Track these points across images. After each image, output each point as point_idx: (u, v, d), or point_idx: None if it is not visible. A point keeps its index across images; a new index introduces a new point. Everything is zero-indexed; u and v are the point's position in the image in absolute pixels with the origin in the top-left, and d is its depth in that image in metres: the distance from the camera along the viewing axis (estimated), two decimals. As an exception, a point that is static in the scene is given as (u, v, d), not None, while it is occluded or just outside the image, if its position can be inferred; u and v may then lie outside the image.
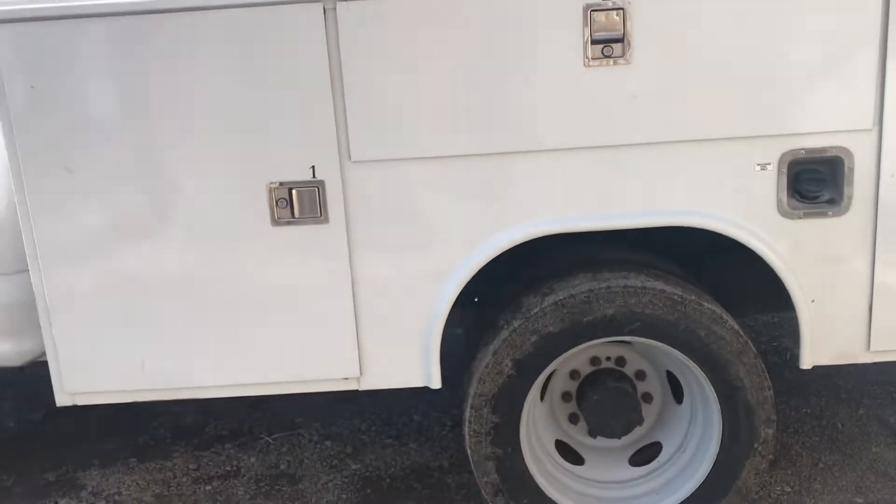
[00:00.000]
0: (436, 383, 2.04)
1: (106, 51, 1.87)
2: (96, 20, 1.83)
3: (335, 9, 1.81)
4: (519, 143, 1.89)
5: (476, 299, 2.29)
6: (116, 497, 2.55)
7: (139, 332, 2.01)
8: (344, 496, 2.47)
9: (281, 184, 1.92)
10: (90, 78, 1.88)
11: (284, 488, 2.54)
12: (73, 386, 2.08)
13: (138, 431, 2.93)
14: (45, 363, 2.28)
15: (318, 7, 1.82)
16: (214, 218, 1.94)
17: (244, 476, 2.62)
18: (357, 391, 2.10)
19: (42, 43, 1.84)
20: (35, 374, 3.36)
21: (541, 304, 1.96)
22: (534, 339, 1.95)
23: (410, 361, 2.03)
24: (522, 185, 1.92)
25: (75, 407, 2.54)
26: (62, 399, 2.10)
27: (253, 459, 2.72)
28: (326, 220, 1.94)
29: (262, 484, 2.57)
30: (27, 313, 2.15)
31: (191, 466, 2.70)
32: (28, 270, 2.09)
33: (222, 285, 1.97)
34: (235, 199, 1.93)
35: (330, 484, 2.54)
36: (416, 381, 2.05)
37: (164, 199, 1.94)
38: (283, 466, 2.66)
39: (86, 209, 1.94)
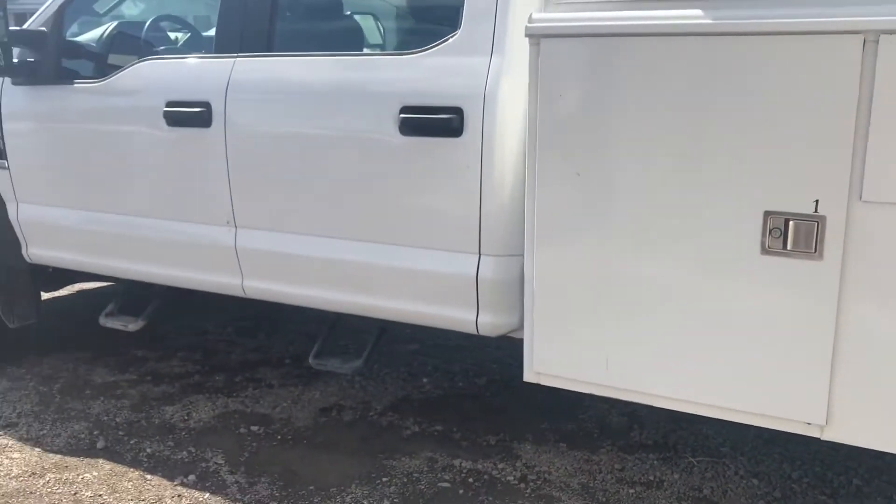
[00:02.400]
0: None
1: (643, 69, 2.00)
2: (657, 39, 1.96)
3: (877, 42, 1.73)
4: None
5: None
6: (546, 475, 2.75)
7: (610, 330, 2.14)
8: (769, 540, 2.38)
9: (778, 214, 1.90)
10: (621, 93, 2.03)
11: (706, 514, 2.53)
12: (540, 367, 2.29)
13: (567, 418, 3.13)
14: (509, 339, 2.57)
15: (859, 39, 1.75)
16: (706, 237, 1.98)
17: (666, 490, 2.65)
18: (794, 436, 2.00)
19: (588, 57, 2.04)
20: (481, 346, 3.79)
21: None
22: None
23: (889, 424, 1.88)
24: None
25: (512, 382, 2.84)
26: (529, 376, 2.32)
27: (676, 476, 2.73)
28: (820, 257, 1.87)
29: (683, 503, 2.58)
30: (511, 293, 2.42)
31: (616, 466, 2.80)
32: (517, 255, 2.36)
33: (700, 303, 2.01)
34: (728, 222, 1.95)
35: (754, 523, 2.47)
36: (890, 447, 1.89)
37: (660, 209, 2.03)
38: (706, 491, 2.64)
39: (586, 210, 2.11)
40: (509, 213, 2.38)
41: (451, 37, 2.44)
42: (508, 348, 3.64)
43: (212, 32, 3.71)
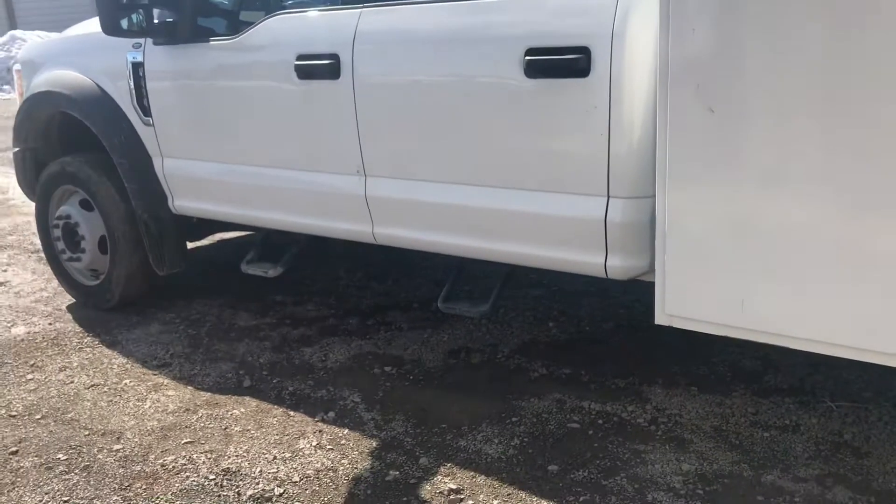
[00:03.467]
0: None
1: None
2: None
3: None
4: None
5: None
6: (677, 418, 2.74)
7: (745, 271, 2.09)
8: (915, 488, 2.30)
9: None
10: (757, 24, 1.94)
11: (847, 459, 2.45)
12: (673, 309, 2.26)
13: (698, 362, 3.09)
14: (638, 282, 2.55)
15: None
16: (846, 174, 1.89)
17: (803, 434, 2.59)
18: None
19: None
20: (607, 291, 3.77)
21: None
22: None
23: None
24: None
25: (640, 326, 2.83)
26: (661, 318, 2.30)
27: (814, 420, 2.66)
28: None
29: (821, 447, 2.52)
30: (641, 235, 2.39)
31: (749, 410, 2.75)
32: (647, 197, 2.32)
33: (845, 243, 1.93)
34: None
35: (900, 469, 2.38)
36: None
37: (801, 144, 1.94)
38: (846, 437, 2.56)
39: (719, 147, 2.05)
40: (638, 154, 2.34)
41: (577, -26, 2.39)
42: (635, 293, 3.61)
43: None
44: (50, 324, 3.89)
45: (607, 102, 2.33)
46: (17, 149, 4.18)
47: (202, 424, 2.89)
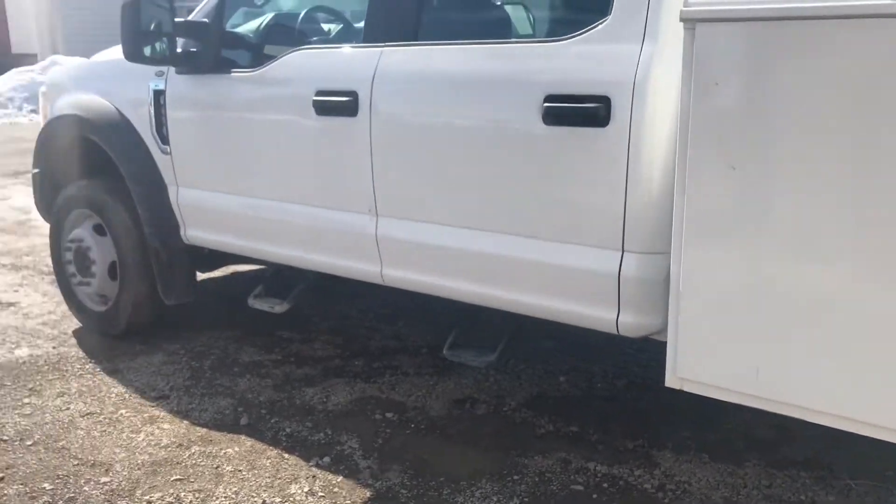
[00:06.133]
0: None
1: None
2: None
3: None
4: None
5: None
6: (686, 486, 2.61)
7: (762, 337, 1.99)
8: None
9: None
10: (784, 82, 1.87)
11: (865, 543, 2.32)
12: (684, 372, 2.16)
13: (710, 428, 2.96)
14: (651, 341, 2.45)
15: None
16: (879, 239, 1.79)
17: (823, 513, 2.46)
18: None
19: (747, 43, 1.89)
20: (621, 347, 3.66)
21: None
22: None
23: None
24: None
25: (653, 386, 2.70)
26: (672, 381, 2.19)
27: (831, 498, 2.53)
28: None
29: (838, 528, 2.38)
30: (655, 293, 2.30)
31: (762, 482, 2.62)
32: (663, 253, 2.24)
33: (870, 314, 1.82)
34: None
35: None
36: None
37: (827, 207, 1.85)
38: (865, 518, 2.43)
39: (740, 207, 1.97)
40: (656, 209, 2.26)
41: (601, 23, 2.34)
42: (650, 351, 3.50)
43: (362, 23, 3.78)
44: (54, 347, 3.85)
45: (626, 154, 2.26)
46: (36, 170, 4.19)
47: (194, 461, 2.80)
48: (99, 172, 3.89)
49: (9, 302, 4.50)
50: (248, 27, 3.61)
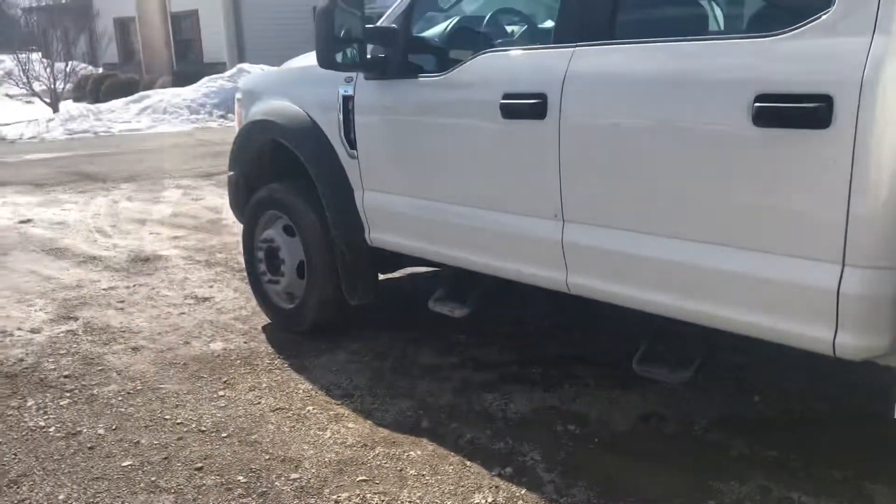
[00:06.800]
0: None
1: None
2: None
3: None
4: None
5: None
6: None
7: None
8: None
9: None
10: None
11: None
12: (917, 402, 1.93)
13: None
14: (872, 365, 2.21)
15: None
16: None
17: None
18: None
19: None
20: (821, 367, 3.37)
21: None
22: None
23: None
24: None
25: (863, 411, 2.44)
26: (902, 412, 1.97)
27: None
28: None
29: None
30: (882, 312, 2.07)
31: None
32: (891, 268, 2.02)
33: None
34: None
35: None
36: None
37: None
38: None
39: None
40: (884, 219, 2.04)
41: (822, 15, 2.14)
42: (857, 372, 3.20)
43: (549, 24, 3.70)
44: (245, 342, 4.03)
45: (849, 158, 2.05)
46: (231, 173, 4.41)
47: (378, 463, 2.83)
48: (289, 175, 4.04)
49: (204, 297, 4.77)
50: (434, 31, 3.63)
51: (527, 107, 2.81)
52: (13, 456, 2.94)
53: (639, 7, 2.94)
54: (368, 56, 3.36)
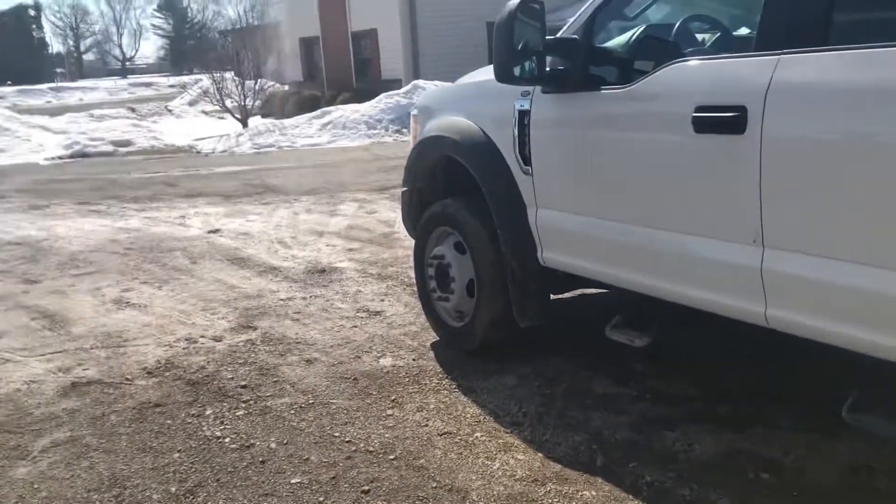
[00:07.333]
0: None
1: None
2: None
3: None
4: None
5: None
6: None
7: None
8: None
9: None
10: None
11: None
12: None
13: None
14: None
15: None
16: None
17: None
18: None
19: None
20: None
21: None
22: None
23: None
24: None
25: None
26: None
27: None
28: None
29: None
30: None
31: None
32: None
33: None
34: None
35: None
36: None
37: None
38: None
39: None
40: None
41: None
42: None
43: (745, 31, 3.41)
44: (414, 360, 3.98)
45: None
46: (405, 188, 4.40)
47: (549, 501, 2.66)
48: (462, 192, 3.96)
49: (376, 311, 4.79)
50: (617, 41, 3.42)
51: (723, 120, 2.56)
52: (191, 465, 3.02)
53: (860, 9, 2.60)
54: (547, 69, 3.21)
